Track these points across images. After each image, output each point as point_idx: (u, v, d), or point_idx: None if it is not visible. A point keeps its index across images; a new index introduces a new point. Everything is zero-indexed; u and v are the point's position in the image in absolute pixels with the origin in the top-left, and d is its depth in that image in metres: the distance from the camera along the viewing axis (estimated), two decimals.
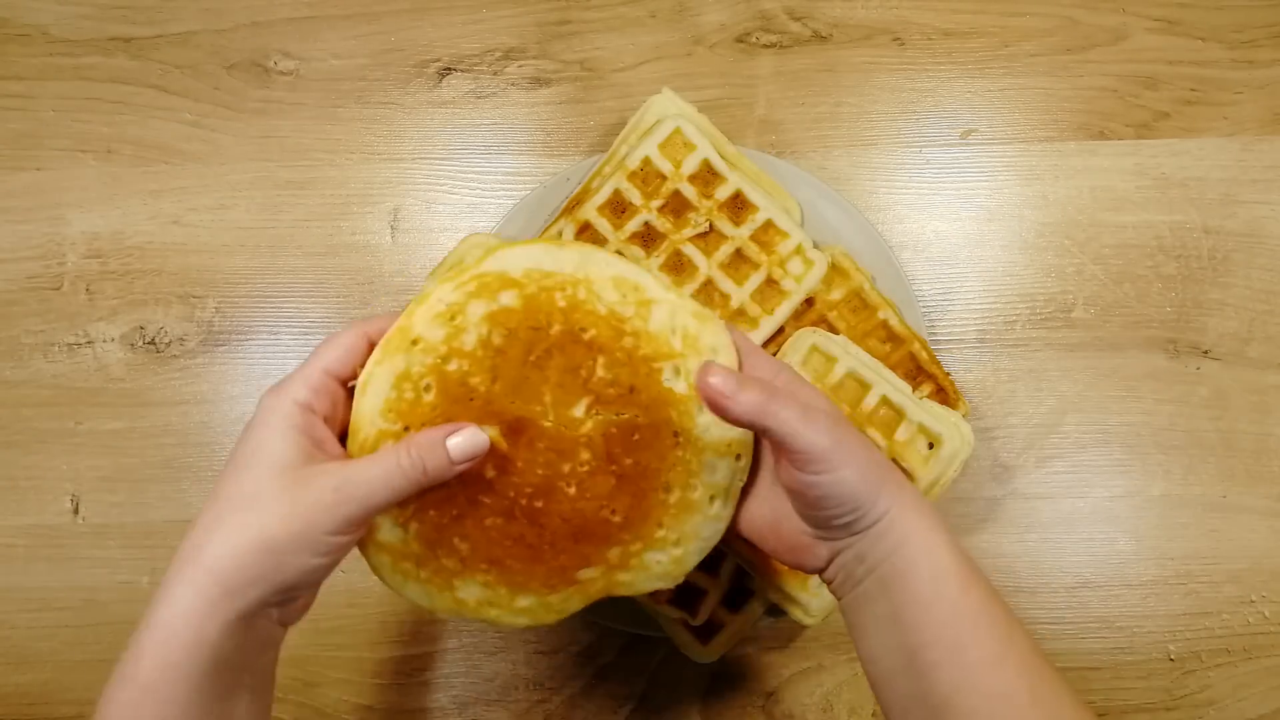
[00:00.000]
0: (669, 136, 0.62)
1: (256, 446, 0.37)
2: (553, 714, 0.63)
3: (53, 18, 0.70)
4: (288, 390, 0.39)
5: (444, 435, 0.39)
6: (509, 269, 0.42)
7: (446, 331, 0.41)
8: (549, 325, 0.42)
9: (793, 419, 0.39)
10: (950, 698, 0.38)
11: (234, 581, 0.35)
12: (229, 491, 0.37)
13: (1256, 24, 0.70)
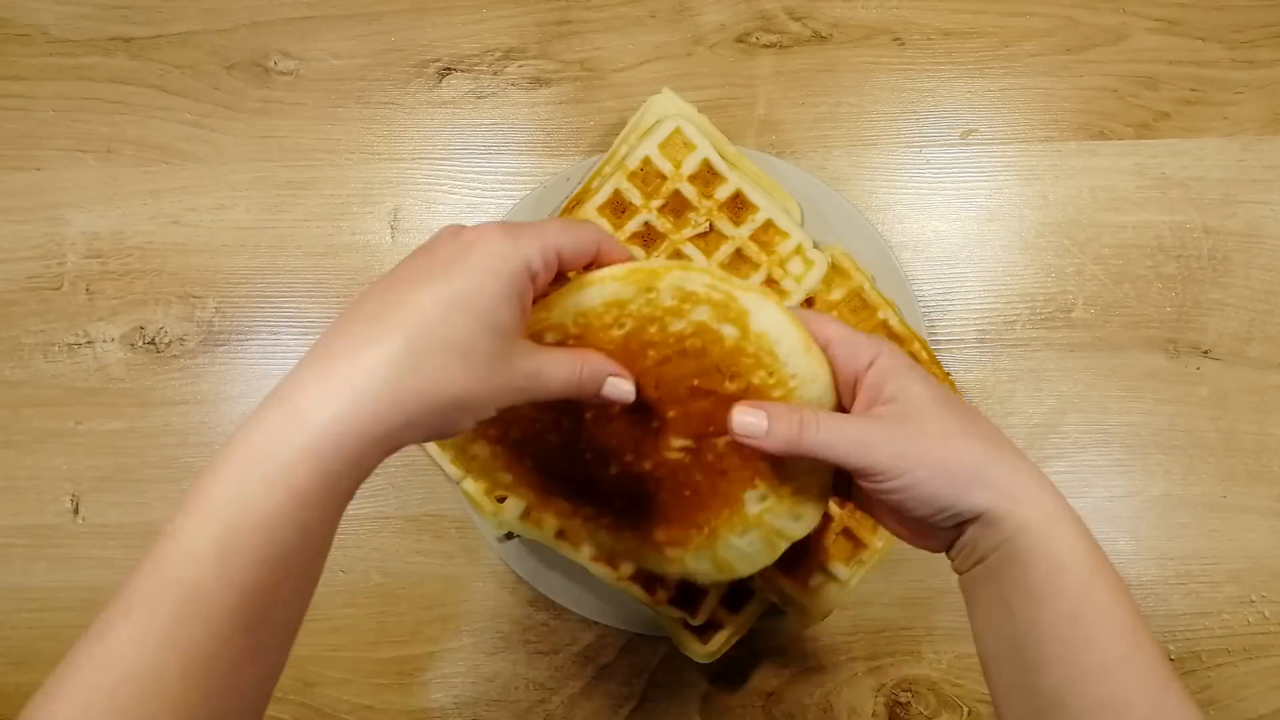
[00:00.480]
0: (669, 136, 0.62)
1: (483, 296, 0.34)
2: (553, 714, 0.63)
3: (53, 18, 0.70)
4: (523, 249, 0.36)
5: (609, 372, 0.40)
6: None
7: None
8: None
9: (835, 443, 0.38)
10: (1060, 698, 0.36)
11: (414, 419, 0.33)
12: (440, 326, 0.33)
13: (1256, 24, 0.70)
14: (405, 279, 0.35)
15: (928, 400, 0.39)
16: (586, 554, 0.58)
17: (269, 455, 0.32)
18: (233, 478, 0.32)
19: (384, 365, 0.32)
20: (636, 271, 0.40)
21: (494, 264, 0.35)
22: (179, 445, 0.65)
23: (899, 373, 0.40)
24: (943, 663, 0.63)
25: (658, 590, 0.58)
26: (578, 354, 0.39)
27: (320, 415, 0.32)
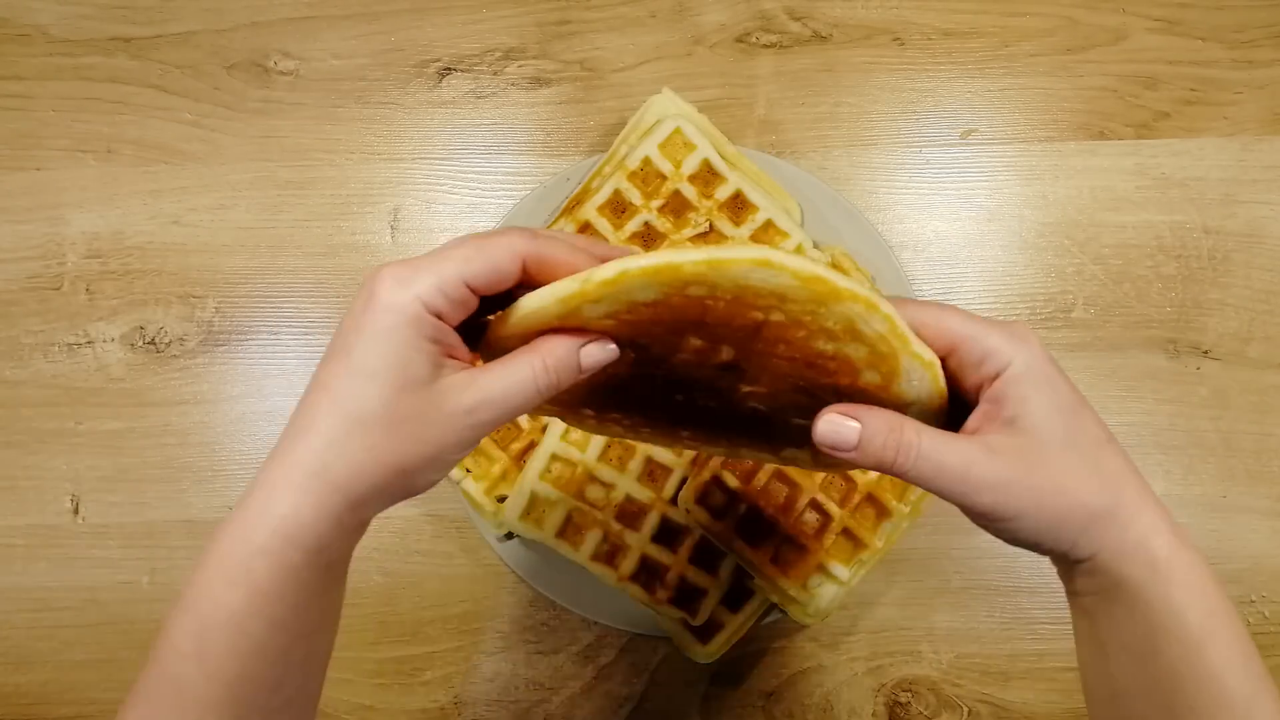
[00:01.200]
0: (669, 136, 0.62)
1: (381, 354, 0.33)
2: (553, 714, 0.63)
3: (53, 18, 0.70)
4: (415, 288, 0.33)
5: (578, 345, 0.35)
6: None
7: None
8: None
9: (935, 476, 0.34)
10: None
11: (362, 497, 0.34)
12: (349, 404, 0.33)
13: (1256, 24, 0.70)
14: (325, 359, 0.35)
15: (1052, 428, 0.34)
16: (587, 554, 0.58)
17: (231, 556, 0.33)
18: (204, 578, 0.33)
19: (314, 459, 0.33)
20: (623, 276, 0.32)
21: (387, 321, 0.33)
22: (179, 445, 0.65)
23: (1025, 388, 0.34)
24: (943, 663, 0.63)
25: (658, 590, 0.58)
26: (530, 349, 0.35)
27: (269, 517, 0.33)
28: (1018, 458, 0.34)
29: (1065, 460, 0.34)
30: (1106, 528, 0.34)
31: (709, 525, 0.57)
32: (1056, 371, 0.35)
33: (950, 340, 0.35)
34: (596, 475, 0.59)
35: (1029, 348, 0.34)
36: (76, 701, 0.63)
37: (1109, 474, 0.35)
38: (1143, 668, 0.34)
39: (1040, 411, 0.34)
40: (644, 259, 0.32)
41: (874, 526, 0.58)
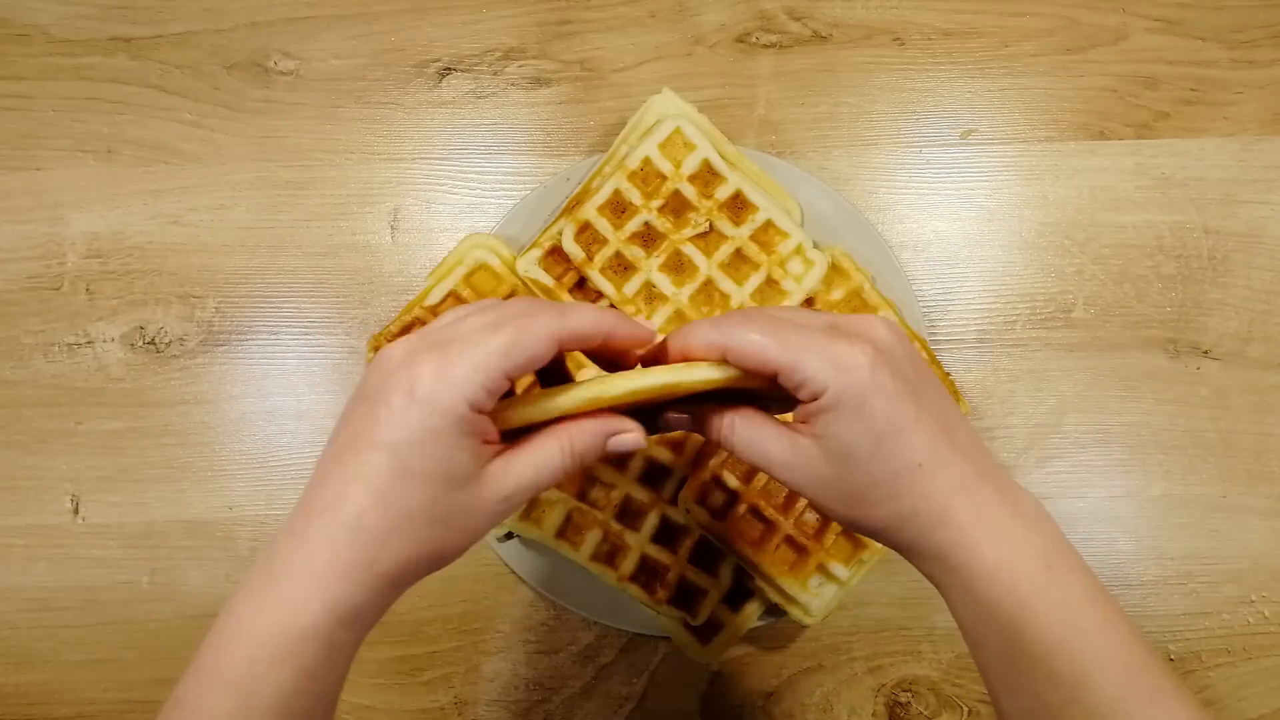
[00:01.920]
0: (669, 136, 0.62)
1: (430, 457, 0.34)
2: (553, 714, 0.63)
3: (53, 18, 0.70)
4: (460, 387, 0.33)
5: (609, 431, 0.38)
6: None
7: None
8: None
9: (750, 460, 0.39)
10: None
11: (405, 581, 0.36)
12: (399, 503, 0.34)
13: (1256, 24, 0.70)
14: (354, 446, 0.35)
15: (850, 455, 0.37)
16: (586, 554, 0.58)
17: (274, 637, 0.34)
18: (243, 655, 0.34)
19: (363, 553, 0.34)
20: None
21: (433, 424, 0.34)
22: (179, 445, 0.65)
23: (830, 417, 0.36)
24: (943, 663, 0.63)
25: (658, 590, 0.58)
26: (560, 431, 0.37)
27: (316, 602, 0.34)
28: (813, 467, 0.37)
29: (856, 483, 0.37)
30: (898, 535, 0.38)
31: (709, 525, 0.57)
32: (876, 398, 0.36)
33: (771, 370, 0.36)
34: (597, 475, 0.59)
35: (846, 376, 0.35)
36: (76, 701, 0.63)
37: (904, 497, 0.37)
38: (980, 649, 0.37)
39: (839, 441, 0.36)
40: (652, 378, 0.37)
41: None
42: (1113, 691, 0.34)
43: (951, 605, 0.38)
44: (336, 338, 0.67)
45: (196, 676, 0.34)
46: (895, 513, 0.37)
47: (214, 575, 0.64)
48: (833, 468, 0.37)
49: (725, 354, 0.37)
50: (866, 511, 0.37)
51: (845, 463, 0.37)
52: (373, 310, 0.67)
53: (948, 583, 0.38)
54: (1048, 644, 0.35)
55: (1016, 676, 0.36)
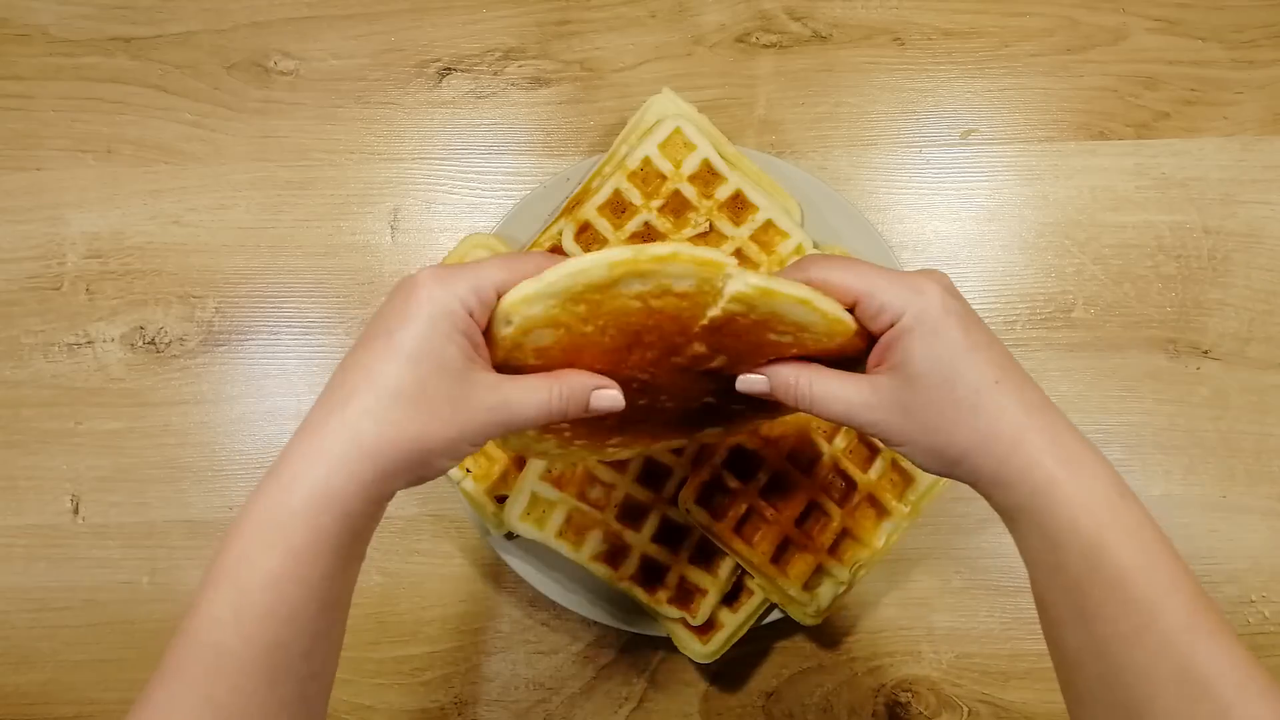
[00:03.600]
0: (669, 136, 0.62)
1: (422, 341, 0.36)
2: (553, 714, 0.63)
3: (53, 18, 0.70)
4: (455, 288, 0.37)
5: (593, 386, 0.40)
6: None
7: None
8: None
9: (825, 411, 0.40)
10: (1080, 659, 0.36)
11: (389, 468, 0.36)
12: (386, 380, 0.36)
13: (1256, 24, 0.70)
14: (362, 344, 0.38)
15: (929, 375, 0.38)
16: (586, 554, 0.58)
17: (267, 521, 0.35)
18: (239, 545, 0.35)
19: (348, 430, 0.36)
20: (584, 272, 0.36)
21: (427, 309, 0.37)
22: (179, 445, 0.65)
23: (910, 339, 0.38)
24: (943, 663, 0.63)
25: (658, 590, 0.58)
26: (553, 376, 0.39)
27: (305, 481, 0.35)
28: (896, 399, 0.39)
29: (939, 404, 0.38)
30: (981, 460, 0.38)
31: (709, 525, 0.57)
32: (951, 319, 0.38)
33: (852, 296, 0.39)
34: (596, 475, 0.59)
35: (922, 299, 0.39)
36: (76, 701, 0.63)
37: (985, 413, 0.38)
38: (1051, 580, 0.37)
39: (920, 361, 0.38)
40: (696, 250, 0.36)
41: (874, 526, 0.59)
42: (1182, 621, 0.34)
43: (1023, 535, 0.38)
44: (336, 338, 0.67)
45: (208, 573, 0.36)
46: (977, 433, 0.38)
47: None
48: (915, 394, 0.38)
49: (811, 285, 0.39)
50: (950, 436, 0.38)
51: (928, 385, 0.38)
52: (372, 310, 0.67)
53: (1025, 509, 0.37)
54: (1125, 570, 0.35)
55: (1092, 604, 0.36)
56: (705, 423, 0.48)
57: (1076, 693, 0.37)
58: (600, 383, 0.40)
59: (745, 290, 0.36)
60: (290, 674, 0.36)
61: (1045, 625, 0.39)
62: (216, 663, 0.34)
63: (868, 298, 0.39)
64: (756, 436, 0.59)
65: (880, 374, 0.40)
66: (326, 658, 0.39)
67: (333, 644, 0.39)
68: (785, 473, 0.58)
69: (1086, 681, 0.36)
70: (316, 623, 0.37)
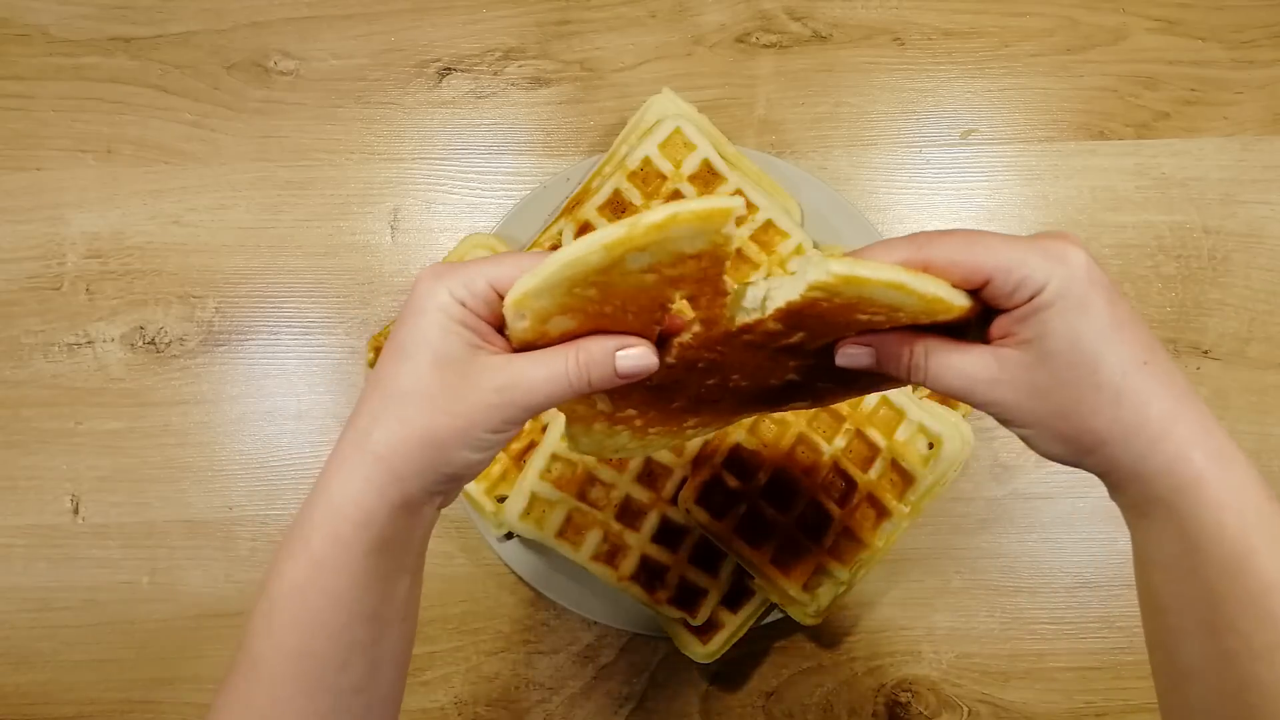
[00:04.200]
0: (669, 136, 0.62)
1: (416, 336, 0.36)
2: (553, 714, 0.63)
3: (53, 18, 0.70)
4: (445, 282, 0.36)
5: (615, 348, 0.36)
6: None
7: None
8: None
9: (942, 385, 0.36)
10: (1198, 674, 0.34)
11: (401, 470, 0.36)
12: (389, 383, 0.36)
13: (1256, 24, 0.70)
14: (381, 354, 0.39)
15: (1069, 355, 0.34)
16: (586, 554, 0.58)
17: (294, 533, 0.37)
18: (275, 559, 0.37)
19: (360, 435, 0.36)
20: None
21: (420, 304, 0.36)
22: (179, 445, 0.65)
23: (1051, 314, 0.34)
24: (943, 663, 0.63)
25: (658, 590, 0.58)
26: (570, 345, 0.36)
27: (324, 494, 0.36)
28: (1026, 378, 0.34)
29: (1077, 386, 0.34)
30: (1121, 450, 0.34)
31: (709, 525, 0.57)
32: (1097, 292, 0.33)
33: (983, 275, 0.34)
34: (596, 475, 0.59)
35: (1066, 269, 0.33)
36: (76, 701, 0.63)
37: (1130, 399, 0.34)
38: (1181, 585, 0.34)
39: (1061, 338, 0.33)
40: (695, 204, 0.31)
41: (874, 526, 0.58)
42: None
43: (1153, 535, 0.35)
44: (336, 338, 0.67)
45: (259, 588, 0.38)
46: (1118, 422, 0.34)
47: (214, 575, 0.64)
48: (1050, 373, 0.34)
49: (928, 268, 0.34)
50: (1087, 423, 0.34)
51: (1067, 365, 0.34)
52: (373, 310, 0.67)
53: (1162, 506, 0.34)
54: (1270, 583, 0.32)
55: (1225, 616, 0.33)
56: (788, 399, 0.44)
57: (1185, 706, 0.35)
58: (624, 342, 0.36)
59: (826, 279, 0.32)
60: (324, 686, 0.36)
61: (1158, 631, 0.36)
62: (254, 670, 0.36)
63: (1003, 274, 0.34)
64: (756, 436, 0.59)
65: (1008, 348, 0.35)
66: (371, 674, 0.38)
67: (377, 661, 0.38)
68: (785, 473, 0.58)
69: (1202, 695, 0.34)
70: (349, 634, 0.36)
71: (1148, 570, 0.36)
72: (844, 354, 0.37)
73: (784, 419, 0.59)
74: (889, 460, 0.59)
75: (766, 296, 0.34)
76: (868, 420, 0.59)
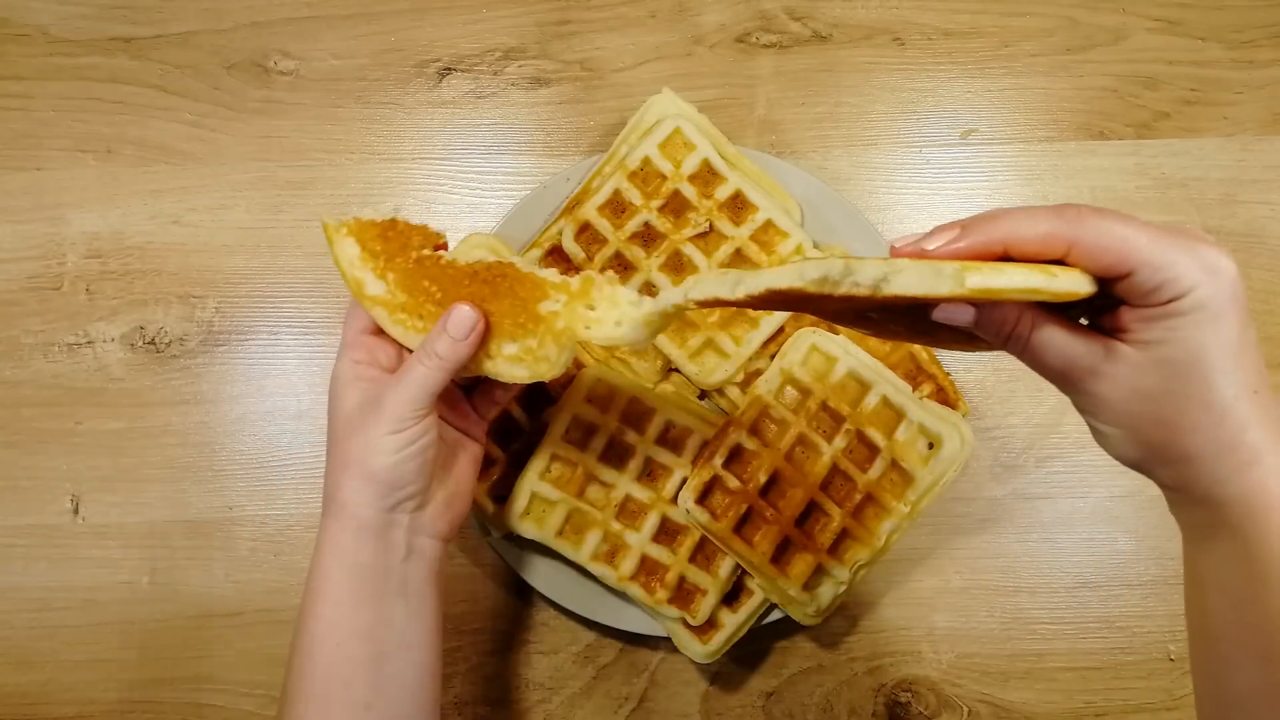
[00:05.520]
0: (669, 136, 0.62)
1: (333, 405, 0.48)
2: (553, 714, 0.63)
3: (53, 18, 0.70)
4: (339, 354, 0.50)
5: (441, 327, 0.46)
6: None
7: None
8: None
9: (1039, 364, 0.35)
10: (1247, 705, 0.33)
11: (349, 499, 0.46)
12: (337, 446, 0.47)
13: (1256, 24, 0.70)
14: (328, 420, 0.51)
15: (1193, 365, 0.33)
16: (586, 553, 0.58)
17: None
18: None
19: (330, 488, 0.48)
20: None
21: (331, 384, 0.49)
22: (179, 445, 0.65)
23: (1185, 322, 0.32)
24: (943, 663, 0.63)
25: (657, 590, 0.58)
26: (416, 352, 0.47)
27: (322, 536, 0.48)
28: (1134, 378, 0.33)
29: (1187, 399, 0.33)
30: (1206, 469, 0.34)
31: (709, 525, 0.57)
32: (1235, 310, 0.33)
33: (1128, 268, 0.33)
34: (596, 475, 0.59)
35: (1215, 281, 0.32)
36: (76, 701, 0.63)
37: (1231, 422, 0.33)
38: (1239, 611, 0.34)
39: (1189, 349, 0.32)
40: (1011, 278, 0.32)
41: (874, 526, 0.58)
42: None
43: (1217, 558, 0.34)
44: (336, 338, 0.66)
45: None
46: (1215, 442, 0.33)
47: (214, 575, 0.64)
48: (1161, 380, 0.33)
49: (1073, 247, 0.33)
50: (1184, 436, 0.33)
51: (1183, 376, 0.33)
52: None
53: (1232, 530, 0.33)
54: None
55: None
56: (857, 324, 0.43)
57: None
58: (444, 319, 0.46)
59: (961, 291, 0.31)
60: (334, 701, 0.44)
61: (1207, 658, 0.36)
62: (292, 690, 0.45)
63: (1150, 270, 0.32)
64: (756, 436, 0.59)
65: (1126, 343, 0.34)
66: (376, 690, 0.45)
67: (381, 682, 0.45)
68: (785, 473, 0.58)
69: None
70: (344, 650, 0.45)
71: (1204, 593, 0.35)
72: (943, 310, 0.35)
73: (784, 419, 0.59)
74: (889, 460, 0.58)
75: (885, 279, 0.32)
76: (868, 420, 0.59)
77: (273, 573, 0.64)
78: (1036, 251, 0.33)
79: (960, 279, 0.31)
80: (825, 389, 0.59)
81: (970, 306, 0.35)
